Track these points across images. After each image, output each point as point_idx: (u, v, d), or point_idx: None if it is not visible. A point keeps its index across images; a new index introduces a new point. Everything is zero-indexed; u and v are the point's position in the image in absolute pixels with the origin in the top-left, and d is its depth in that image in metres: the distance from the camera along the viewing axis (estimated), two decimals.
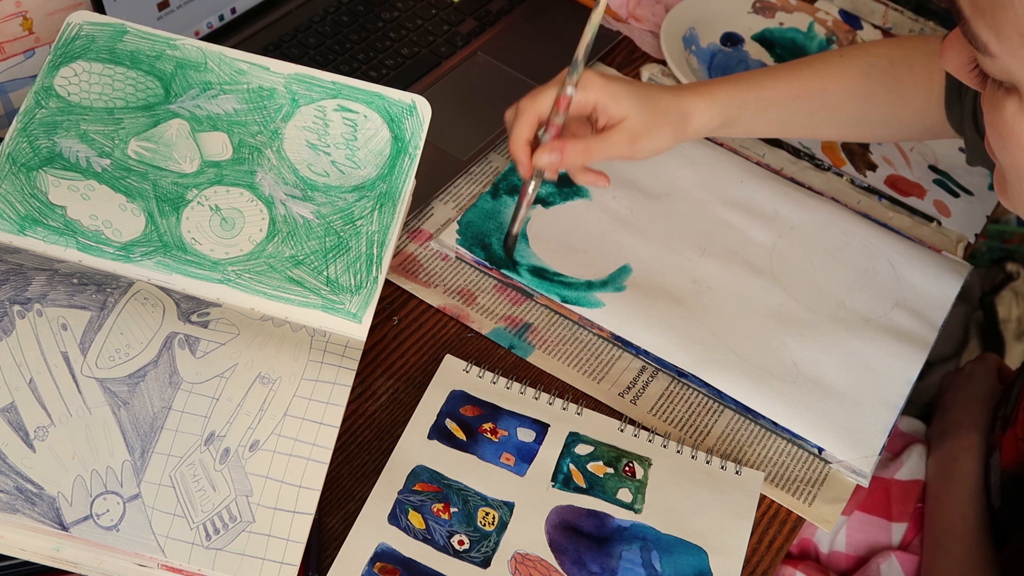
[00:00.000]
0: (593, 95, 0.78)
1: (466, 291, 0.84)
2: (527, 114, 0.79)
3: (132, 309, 0.67)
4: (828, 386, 0.80)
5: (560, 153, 0.77)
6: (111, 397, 0.63)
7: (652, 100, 0.80)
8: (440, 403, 0.75)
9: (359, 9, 1.03)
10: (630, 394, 0.79)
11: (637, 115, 0.79)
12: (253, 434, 0.64)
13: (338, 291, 0.70)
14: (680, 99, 0.82)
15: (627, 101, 0.78)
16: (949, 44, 0.58)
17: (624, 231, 0.88)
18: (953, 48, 0.58)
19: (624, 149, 0.80)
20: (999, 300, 1.41)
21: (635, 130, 0.79)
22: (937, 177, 0.99)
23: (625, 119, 0.78)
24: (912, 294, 0.88)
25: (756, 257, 0.88)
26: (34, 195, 0.70)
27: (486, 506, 0.70)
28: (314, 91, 0.75)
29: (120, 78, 0.74)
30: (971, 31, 0.53)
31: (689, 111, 0.82)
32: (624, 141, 0.79)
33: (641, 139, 0.79)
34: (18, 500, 0.60)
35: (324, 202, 0.73)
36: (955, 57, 0.58)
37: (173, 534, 0.61)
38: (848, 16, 1.14)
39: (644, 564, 0.69)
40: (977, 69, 0.57)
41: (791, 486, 0.76)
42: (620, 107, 0.78)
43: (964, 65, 0.57)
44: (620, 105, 0.78)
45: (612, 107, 0.78)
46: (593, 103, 0.78)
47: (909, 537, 0.86)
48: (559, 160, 0.78)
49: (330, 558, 0.67)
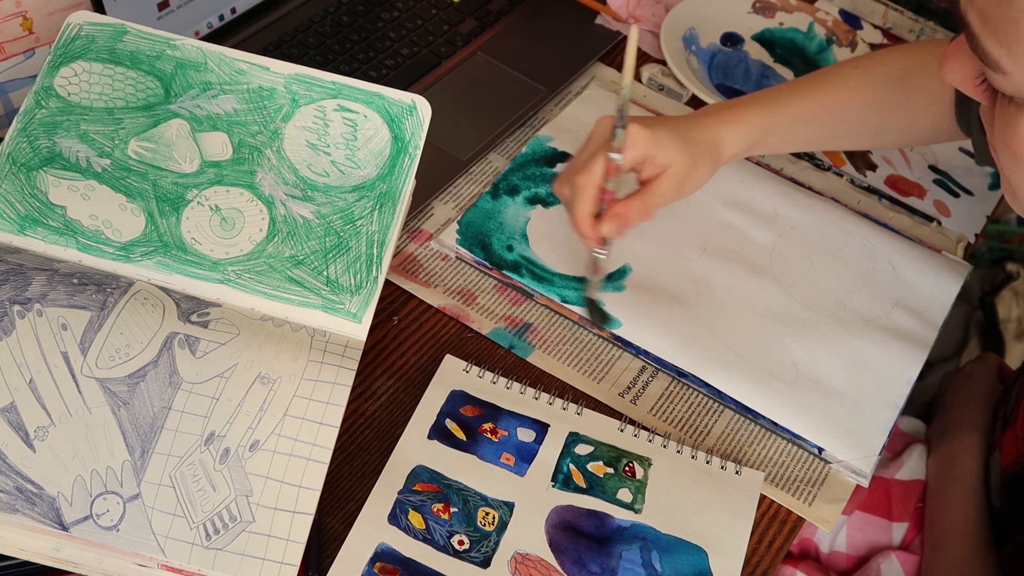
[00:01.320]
0: (642, 151, 0.77)
1: (466, 291, 0.84)
2: (587, 190, 0.77)
3: (132, 309, 0.67)
4: (828, 386, 0.80)
5: (623, 219, 0.77)
6: (111, 397, 0.63)
7: (691, 140, 0.79)
8: (440, 403, 0.75)
9: (359, 9, 1.03)
10: (630, 394, 0.79)
11: (681, 160, 0.78)
12: (253, 434, 0.64)
13: (338, 291, 0.70)
14: (712, 131, 0.81)
15: (670, 147, 0.78)
16: (951, 56, 0.57)
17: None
18: (956, 60, 0.56)
19: (674, 195, 0.79)
20: (999, 300, 1.41)
21: (681, 174, 0.78)
22: (937, 177, 0.99)
23: (671, 166, 0.78)
24: (912, 294, 0.87)
25: (756, 257, 0.88)
26: (34, 195, 0.70)
27: (486, 506, 0.70)
28: (314, 91, 0.75)
29: (120, 78, 0.74)
30: (981, 48, 0.52)
31: (722, 142, 0.81)
32: (673, 188, 0.79)
33: (687, 183, 0.79)
34: (18, 500, 0.60)
35: (324, 202, 0.73)
36: (958, 69, 0.57)
37: (173, 534, 0.61)
38: (848, 16, 1.14)
39: (644, 564, 0.69)
40: (985, 83, 0.56)
41: (791, 486, 0.76)
42: (666, 155, 0.78)
43: (969, 78, 0.56)
44: (665, 153, 0.77)
45: (659, 157, 0.78)
46: (642, 158, 0.77)
47: (910, 537, 0.86)
48: (624, 225, 0.77)
49: (330, 558, 0.67)
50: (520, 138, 0.96)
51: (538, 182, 0.90)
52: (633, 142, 0.76)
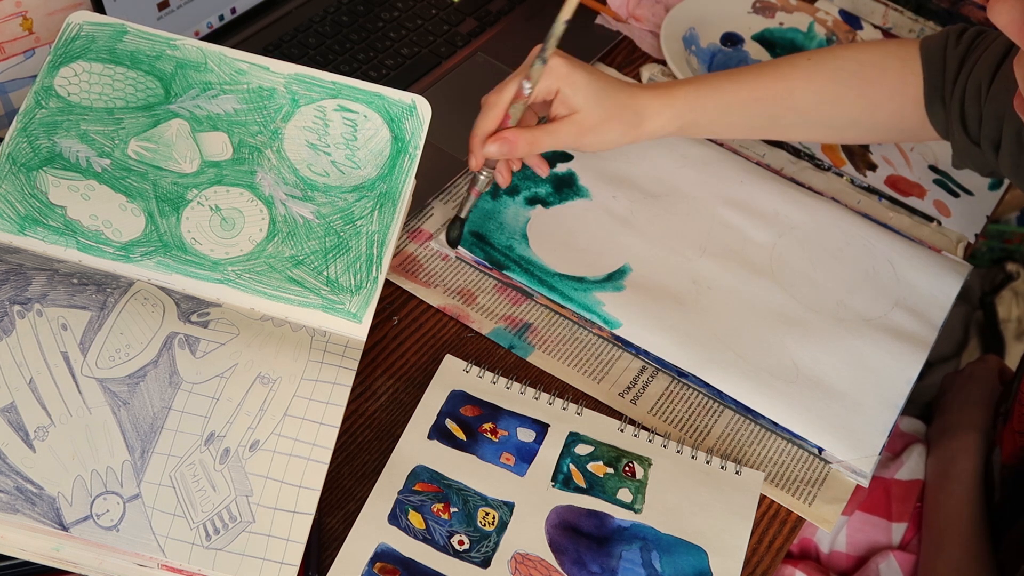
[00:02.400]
0: (555, 83, 0.78)
1: (466, 291, 0.84)
2: (493, 108, 0.79)
3: (132, 309, 0.67)
4: (828, 386, 0.80)
5: (509, 143, 0.78)
6: (111, 397, 0.63)
7: (609, 96, 0.80)
8: (440, 403, 0.75)
9: (359, 9, 1.03)
10: (630, 394, 0.80)
11: (591, 109, 0.79)
12: (253, 434, 0.64)
13: (338, 291, 0.70)
14: (637, 99, 0.82)
15: (584, 94, 0.79)
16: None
17: (624, 231, 0.88)
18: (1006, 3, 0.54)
19: (572, 141, 0.80)
20: (999, 300, 1.41)
21: (585, 124, 0.79)
22: (937, 177, 0.99)
23: (578, 112, 0.79)
24: (912, 294, 0.87)
25: (756, 257, 0.88)
26: (34, 195, 0.70)
27: (486, 506, 0.70)
28: (314, 91, 0.75)
29: (120, 78, 0.74)
30: None
31: (645, 112, 0.82)
32: (572, 134, 0.80)
33: (589, 134, 0.80)
34: (18, 500, 0.60)
35: (324, 202, 0.73)
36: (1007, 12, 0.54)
37: (173, 534, 0.61)
38: (848, 16, 1.14)
39: (644, 564, 0.69)
40: None
41: (791, 486, 0.76)
42: (577, 99, 0.79)
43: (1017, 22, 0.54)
44: (577, 96, 0.79)
45: (570, 97, 0.79)
46: (555, 90, 0.79)
47: (908, 537, 0.86)
48: (508, 150, 0.78)
49: (330, 558, 0.67)
50: None
51: (538, 182, 0.90)
52: (550, 71, 0.78)
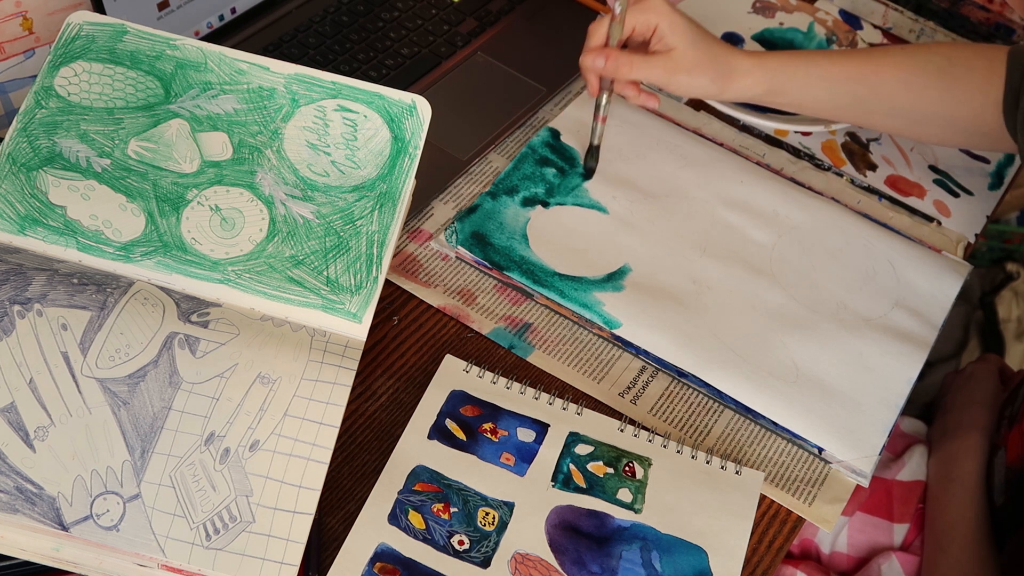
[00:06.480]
0: (654, 18, 0.82)
1: (466, 291, 0.84)
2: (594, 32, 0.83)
3: (132, 309, 0.67)
4: (828, 386, 0.80)
5: (604, 59, 0.82)
6: (111, 397, 0.63)
7: (705, 43, 0.84)
8: (440, 403, 0.75)
9: (359, 9, 1.03)
10: (630, 394, 0.79)
11: (686, 50, 0.82)
12: (253, 434, 0.64)
13: (338, 291, 0.70)
14: (731, 54, 0.85)
15: (681, 34, 0.82)
16: None
17: (624, 231, 0.88)
18: None
19: (662, 77, 0.83)
20: (999, 300, 1.41)
21: (679, 63, 0.83)
22: (937, 177, 0.99)
23: (674, 50, 0.82)
24: (912, 294, 0.87)
25: (756, 257, 0.88)
26: (34, 195, 0.70)
27: (486, 506, 0.70)
28: (314, 91, 0.75)
29: (120, 78, 0.74)
30: None
31: (736, 68, 0.85)
32: (665, 69, 0.83)
33: (681, 73, 0.83)
34: (18, 500, 0.60)
35: (324, 202, 0.73)
36: None
37: (173, 534, 0.61)
38: (848, 16, 1.14)
39: (644, 564, 0.69)
40: None
41: (791, 486, 0.76)
42: (674, 37, 0.82)
43: None
44: (675, 34, 0.82)
45: (668, 35, 0.82)
46: (654, 25, 0.82)
47: (910, 538, 0.86)
48: (603, 65, 0.82)
49: (330, 558, 0.67)
50: (520, 138, 0.95)
51: (537, 182, 0.90)
52: (651, 7, 0.82)
